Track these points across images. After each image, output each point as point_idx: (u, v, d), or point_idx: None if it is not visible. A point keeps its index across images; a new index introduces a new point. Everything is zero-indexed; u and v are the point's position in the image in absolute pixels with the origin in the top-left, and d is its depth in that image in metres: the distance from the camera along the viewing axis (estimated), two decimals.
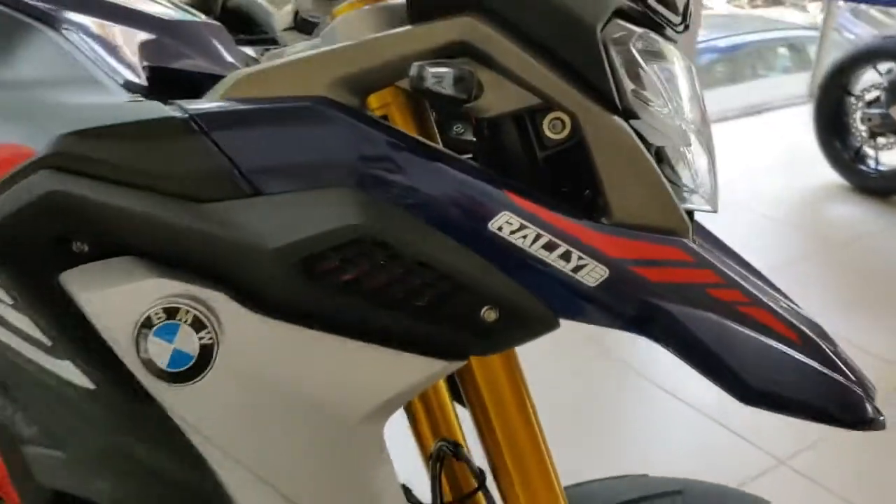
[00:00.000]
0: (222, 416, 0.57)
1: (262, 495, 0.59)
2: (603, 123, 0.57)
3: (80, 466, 0.64)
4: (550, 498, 0.70)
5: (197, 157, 0.55)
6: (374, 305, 0.56)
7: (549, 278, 0.57)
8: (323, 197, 0.55)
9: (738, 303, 0.60)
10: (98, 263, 0.57)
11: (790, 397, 0.58)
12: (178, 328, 0.55)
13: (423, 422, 0.80)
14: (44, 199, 0.56)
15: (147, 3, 0.75)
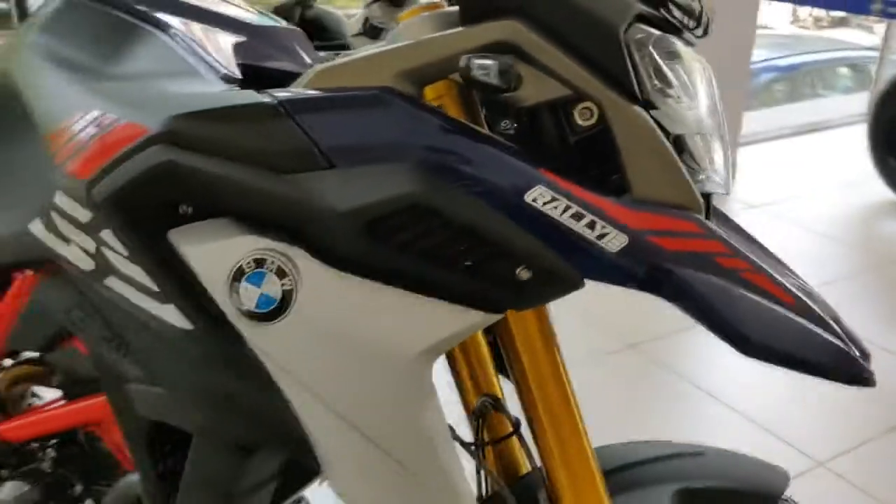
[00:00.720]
0: (298, 352, 0.68)
1: (329, 422, 0.70)
2: (625, 112, 0.67)
3: (177, 400, 0.76)
4: (578, 444, 0.79)
5: (283, 136, 0.67)
6: (426, 263, 0.67)
7: (576, 244, 0.67)
8: (386, 171, 0.66)
9: (741, 270, 0.68)
10: (200, 223, 0.69)
11: (786, 351, 0.66)
12: (264, 276, 0.67)
13: (467, 380, 0.90)
14: (158, 169, 0.68)
15: (239, 10, 0.87)
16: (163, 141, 0.68)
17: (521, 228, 0.66)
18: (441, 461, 0.70)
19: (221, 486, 0.77)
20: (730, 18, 3.36)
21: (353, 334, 0.68)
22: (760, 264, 0.69)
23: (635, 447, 0.91)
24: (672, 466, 0.88)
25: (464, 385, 0.90)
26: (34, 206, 0.80)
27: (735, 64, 3.56)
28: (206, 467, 0.77)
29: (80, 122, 0.75)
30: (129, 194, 0.69)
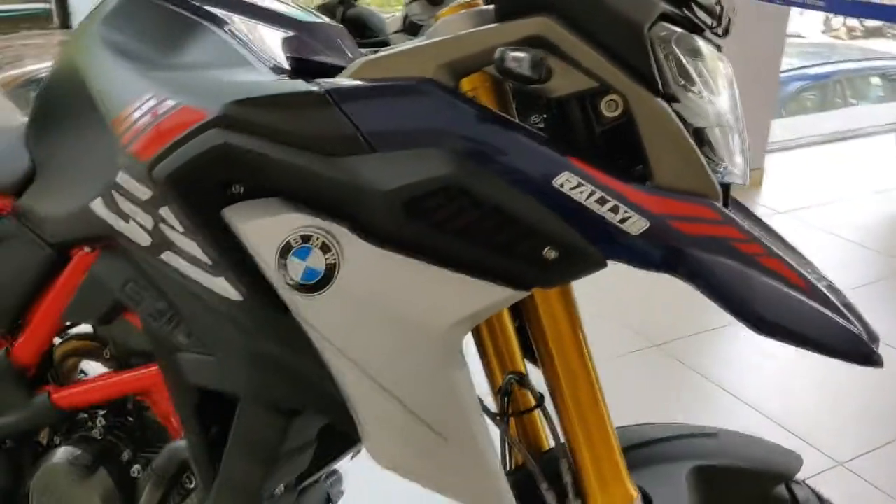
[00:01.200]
0: (339, 322, 0.74)
1: (366, 389, 0.75)
2: (649, 104, 0.72)
3: (226, 367, 0.82)
4: (599, 419, 0.83)
5: (329, 122, 0.72)
6: (459, 241, 0.72)
7: (599, 226, 0.71)
8: (424, 155, 0.71)
9: (757, 254, 0.73)
10: (251, 201, 0.75)
11: (798, 331, 0.71)
12: (310, 251, 0.72)
13: (494, 361, 0.94)
14: (214, 151, 0.74)
15: (287, 7, 0.93)
16: (219, 125, 0.74)
17: (548, 211, 0.71)
18: (472, 429, 0.75)
19: (265, 449, 0.83)
20: (759, 27, 3.39)
21: (391, 306, 0.73)
22: (775, 250, 0.74)
23: (651, 428, 0.95)
24: (687, 445, 0.92)
25: (490, 365, 0.94)
26: (96, 185, 0.86)
27: (764, 72, 3.59)
28: (251, 430, 0.82)
29: (143, 108, 0.81)
30: (188, 174, 0.75)
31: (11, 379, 1.04)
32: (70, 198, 0.93)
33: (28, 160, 1.04)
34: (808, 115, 5.85)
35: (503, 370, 0.93)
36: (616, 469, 0.83)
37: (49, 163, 0.99)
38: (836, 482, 1.87)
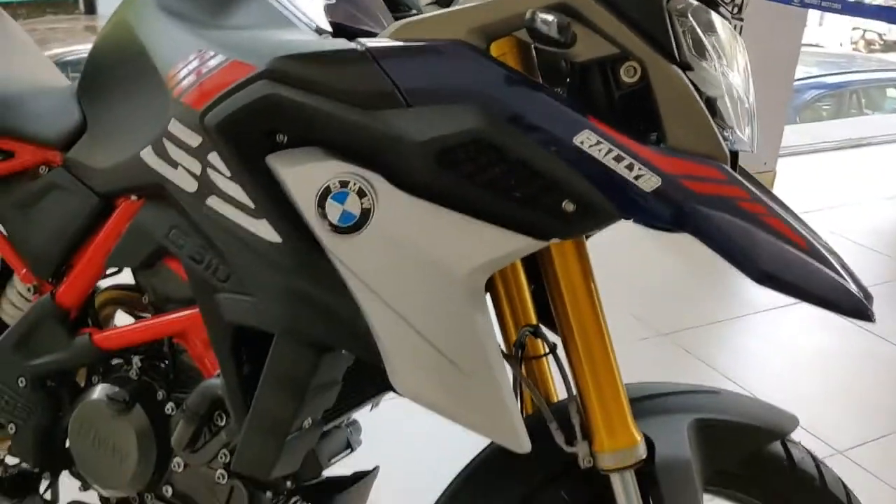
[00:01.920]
0: (371, 262, 0.80)
1: (394, 325, 0.81)
2: (665, 71, 0.78)
3: (263, 304, 0.88)
4: (608, 369, 0.89)
5: (369, 78, 0.79)
6: (484, 191, 0.78)
7: (615, 183, 0.77)
8: (455, 110, 0.77)
9: (760, 213, 0.79)
10: (294, 150, 0.81)
11: (796, 284, 0.76)
12: (347, 195, 0.79)
13: (508, 316, 1.00)
14: (262, 101, 0.80)
15: None
16: (267, 77, 0.80)
17: (568, 166, 0.77)
18: (491, 365, 0.81)
19: (296, 383, 0.89)
20: (775, 36, 3.48)
21: (419, 249, 0.79)
22: (777, 210, 0.80)
23: (654, 384, 1.01)
24: (689, 400, 0.97)
25: (505, 321, 1.00)
26: (148, 135, 0.92)
27: (779, 78, 3.66)
28: (284, 364, 0.88)
29: (195, 62, 0.87)
30: (237, 122, 0.82)
31: (55, 321, 1.11)
32: (120, 149, 1.00)
33: (78, 116, 1.11)
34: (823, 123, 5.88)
35: (517, 326, 0.99)
36: (622, 414, 0.89)
37: (100, 117, 1.06)
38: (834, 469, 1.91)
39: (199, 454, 1.03)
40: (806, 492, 0.99)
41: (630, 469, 0.88)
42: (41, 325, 1.11)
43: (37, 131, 1.12)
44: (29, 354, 1.12)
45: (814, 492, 0.99)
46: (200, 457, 1.04)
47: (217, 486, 1.04)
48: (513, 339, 1.00)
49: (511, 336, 1.00)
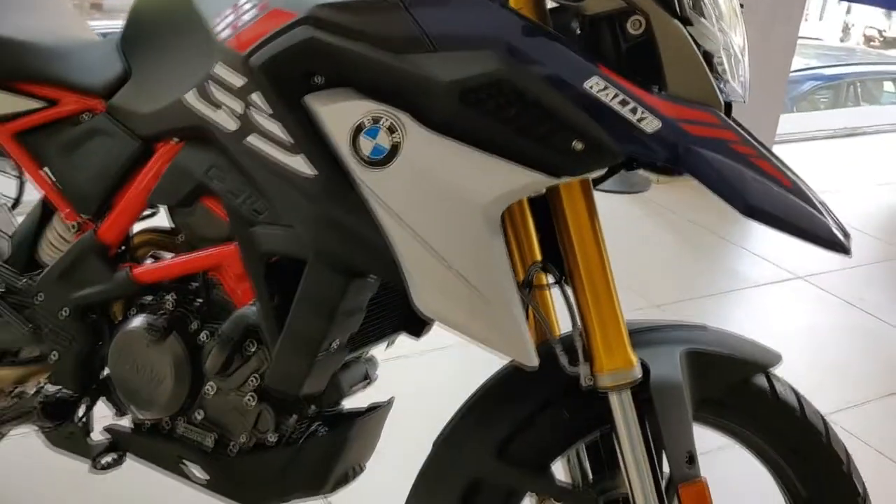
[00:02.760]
0: (398, 193, 0.89)
1: (416, 250, 0.90)
2: (667, 24, 0.86)
3: (298, 234, 0.97)
4: (608, 294, 0.98)
5: (399, 24, 0.87)
6: (503, 130, 0.86)
7: (620, 124, 0.86)
8: (478, 55, 0.86)
9: (749, 155, 0.87)
10: (331, 90, 0.90)
11: (777, 216, 0.85)
12: (378, 131, 0.87)
13: (516, 252, 1.08)
14: (303, 44, 0.89)
15: None
16: (307, 23, 0.89)
17: (578, 108, 0.86)
18: (505, 289, 0.90)
19: (327, 305, 0.98)
20: (774, 29, 3.61)
21: (443, 181, 0.88)
22: (765, 152, 0.89)
23: (650, 319, 1.10)
24: (682, 333, 1.07)
25: (514, 259, 1.08)
26: (192, 79, 1.01)
27: (775, 69, 3.79)
28: (316, 287, 0.97)
29: (239, 10, 0.96)
30: (279, 63, 0.90)
31: (97, 256, 1.19)
32: (163, 94, 1.08)
33: (121, 67, 1.19)
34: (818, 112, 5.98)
35: (525, 264, 1.08)
36: (620, 339, 0.98)
37: (144, 67, 1.15)
38: None
39: (230, 379, 1.12)
40: (787, 421, 1.08)
41: (627, 388, 0.97)
42: (83, 260, 1.20)
43: (80, 80, 1.21)
44: (71, 287, 1.21)
45: (794, 421, 1.09)
46: (231, 382, 1.12)
47: (246, 410, 1.13)
48: (521, 275, 1.08)
49: (520, 272, 1.08)
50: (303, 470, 1.16)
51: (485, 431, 1.01)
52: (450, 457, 1.01)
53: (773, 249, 3.15)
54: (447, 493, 1.00)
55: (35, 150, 1.24)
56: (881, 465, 1.96)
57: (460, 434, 1.02)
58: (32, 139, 1.24)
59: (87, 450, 1.27)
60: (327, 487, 1.19)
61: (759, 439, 1.09)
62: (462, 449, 1.01)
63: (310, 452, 1.15)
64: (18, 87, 1.22)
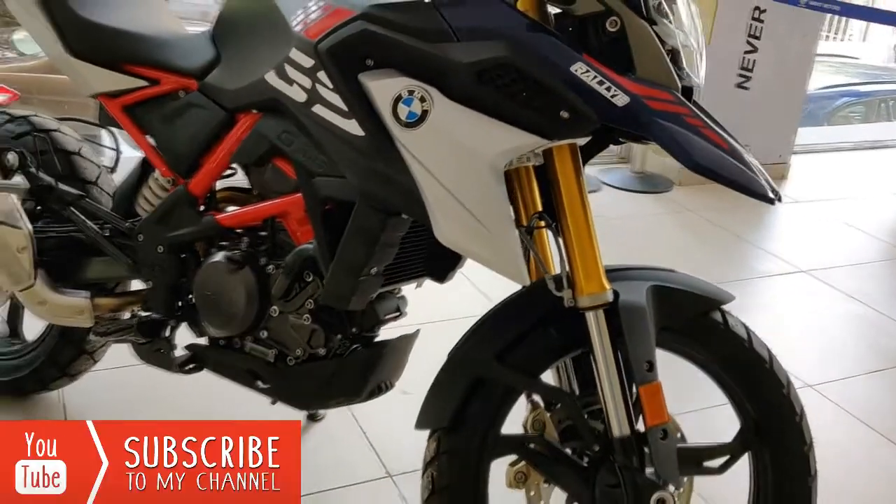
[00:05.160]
0: (426, 148, 1.16)
1: (439, 193, 1.17)
2: (636, 23, 1.13)
3: (349, 182, 1.25)
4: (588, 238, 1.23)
5: (431, 21, 1.15)
6: (509, 101, 1.14)
7: (598, 99, 1.12)
8: (490, 43, 1.13)
9: (698, 126, 1.13)
10: (378, 70, 1.18)
11: (715, 171, 1.11)
12: (412, 100, 1.15)
13: (521, 204, 1.33)
14: (359, 34, 1.17)
15: None
16: (363, 19, 1.18)
17: (566, 86, 1.12)
18: (505, 223, 1.17)
19: (370, 236, 1.26)
20: (791, 45, 3.90)
21: (460, 140, 1.15)
22: (710, 123, 1.15)
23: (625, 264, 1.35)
24: (651, 273, 1.32)
25: (520, 209, 1.34)
26: (271, 62, 1.30)
27: (794, 80, 4.07)
28: (362, 223, 1.25)
29: (312, 8, 1.25)
30: (341, 48, 1.19)
31: (188, 205, 1.49)
32: (247, 74, 1.38)
33: (212, 52, 1.49)
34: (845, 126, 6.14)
35: (528, 213, 1.34)
36: (596, 271, 1.23)
37: (232, 52, 1.45)
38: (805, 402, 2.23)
39: (290, 303, 1.41)
40: (736, 349, 1.33)
41: (600, 309, 1.23)
42: (176, 208, 1.50)
43: (178, 64, 1.51)
44: (166, 229, 1.51)
45: (743, 350, 1.33)
46: (291, 305, 1.41)
47: (301, 329, 1.42)
48: (524, 221, 1.34)
49: (524, 220, 1.35)
50: (344, 380, 1.44)
51: (488, 342, 1.28)
52: (458, 361, 1.28)
53: (783, 247, 3.37)
54: (455, 389, 1.27)
55: (139, 120, 1.55)
56: (862, 432, 2.17)
57: (468, 344, 1.29)
58: (138, 111, 1.55)
59: (170, 363, 1.57)
60: (363, 396, 1.47)
61: (714, 364, 1.34)
62: (468, 354, 1.28)
63: (350, 366, 1.43)
64: (128, 69, 1.53)
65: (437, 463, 1.29)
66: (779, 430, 1.35)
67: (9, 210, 1.58)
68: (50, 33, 1.53)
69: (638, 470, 1.25)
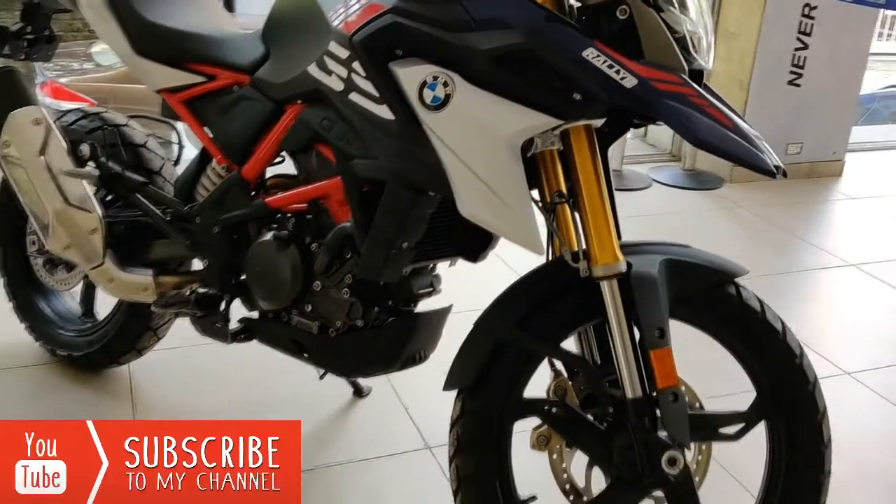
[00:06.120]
0: (450, 129, 1.27)
1: (462, 171, 1.27)
2: (644, 11, 1.22)
3: (381, 162, 1.36)
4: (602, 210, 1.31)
5: (455, 13, 1.26)
6: (525, 83, 1.23)
7: (608, 81, 1.21)
8: (507, 32, 1.23)
9: (703, 105, 1.21)
10: (406, 59, 1.29)
11: (718, 146, 1.19)
12: (437, 85, 1.26)
13: (545, 185, 1.43)
14: (389, 27, 1.29)
15: None
16: (393, 12, 1.29)
17: (578, 70, 1.22)
18: (521, 197, 1.27)
19: (400, 212, 1.37)
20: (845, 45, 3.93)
21: (480, 120, 1.26)
22: (715, 102, 1.22)
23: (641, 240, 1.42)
24: (665, 248, 1.39)
25: (544, 189, 1.44)
26: (314, 55, 1.43)
27: (848, 78, 4.08)
28: (393, 200, 1.37)
29: (348, 5, 1.37)
30: (373, 40, 1.31)
31: (240, 189, 1.63)
32: (293, 68, 1.51)
33: (262, 50, 1.63)
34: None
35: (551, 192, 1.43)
36: (610, 243, 1.31)
37: (279, 49, 1.58)
38: (840, 387, 2.26)
39: (331, 277, 1.53)
40: (750, 320, 1.39)
41: (614, 278, 1.32)
42: (230, 192, 1.64)
43: (232, 61, 1.66)
44: (221, 211, 1.65)
45: (756, 321, 1.39)
46: (332, 280, 1.53)
47: (342, 302, 1.53)
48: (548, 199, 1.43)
49: (547, 198, 1.44)
50: (380, 349, 1.56)
51: (511, 309, 1.37)
52: (483, 326, 1.38)
53: (833, 242, 3.36)
54: (479, 352, 1.37)
55: (198, 113, 1.70)
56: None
57: (493, 311, 1.38)
58: (196, 104, 1.69)
59: (225, 335, 1.71)
60: (398, 365, 1.58)
61: (728, 336, 1.41)
62: (492, 320, 1.37)
63: (386, 336, 1.55)
64: (188, 66, 1.68)
65: (462, 421, 1.39)
66: (792, 399, 1.41)
67: (82, 195, 1.75)
68: (119, 35, 1.69)
69: (650, 430, 1.33)
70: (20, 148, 1.78)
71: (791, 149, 4.00)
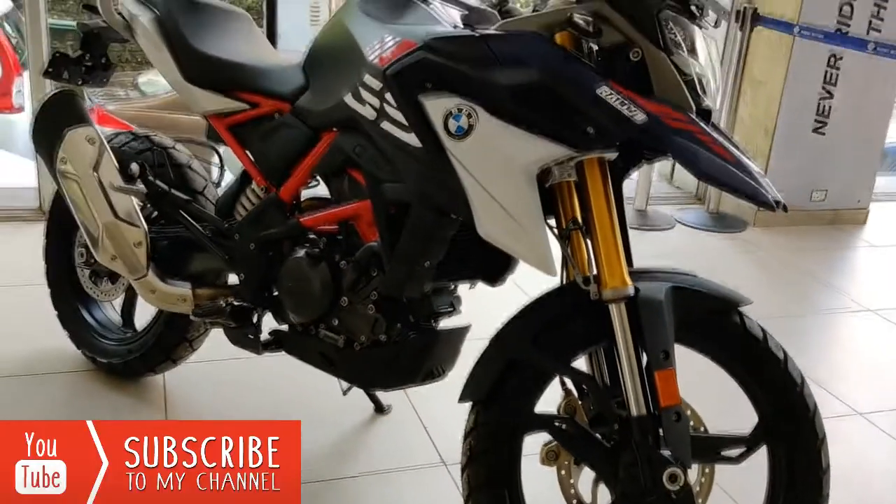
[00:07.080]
0: (472, 156, 1.37)
1: (482, 196, 1.37)
2: (655, 53, 1.32)
3: (409, 186, 1.47)
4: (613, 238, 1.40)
5: (479, 51, 1.37)
6: (542, 117, 1.34)
7: (619, 117, 1.31)
8: (529, 70, 1.34)
9: (707, 141, 1.31)
10: (434, 92, 1.40)
11: (720, 180, 1.28)
12: (461, 116, 1.37)
13: (562, 213, 1.52)
14: (420, 62, 1.40)
15: None
16: (424, 49, 1.41)
17: (592, 106, 1.32)
18: (536, 221, 1.36)
19: (424, 232, 1.47)
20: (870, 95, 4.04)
21: (500, 149, 1.36)
22: (720, 140, 1.31)
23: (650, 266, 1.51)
24: (672, 275, 1.47)
25: (560, 217, 1.53)
26: (349, 86, 1.55)
27: (872, 128, 4.16)
28: (418, 221, 1.47)
29: (383, 41, 1.49)
30: (405, 74, 1.42)
31: (277, 210, 1.75)
32: (330, 97, 1.63)
33: (303, 80, 1.75)
34: None
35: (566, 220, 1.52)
36: (620, 269, 1.40)
37: (318, 79, 1.70)
38: (853, 428, 2.30)
39: (358, 294, 1.63)
40: (752, 348, 1.46)
41: (622, 302, 1.40)
42: (268, 212, 1.76)
43: (274, 90, 1.78)
44: (258, 229, 1.76)
45: (758, 349, 1.47)
46: (359, 296, 1.63)
47: (367, 318, 1.63)
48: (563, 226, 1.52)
49: (563, 225, 1.52)
50: (402, 363, 1.65)
51: (525, 328, 1.46)
52: (498, 342, 1.47)
53: (854, 287, 3.40)
54: (494, 367, 1.45)
55: (240, 137, 1.82)
56: None
57: (508, 328, 1.47)
58: (239, 129, 1.82)
59: (256, 346, 1.81)
60: (418, 379, 1.67)
61: (731, 362, 1.48)
62: (507, 337, 1.46)
63: (407, 351, 1.64)
64: (233, 93, 1.81)
65: (475, 432, 1.47)
66: (792, 426, 1.47)
67: (129, 210, 1.88)
68: (170, 63, 1.83)
69: (653, 447, 1.40)
70: (75, 163, 1.92)
71: (816, 195, 4.06)
